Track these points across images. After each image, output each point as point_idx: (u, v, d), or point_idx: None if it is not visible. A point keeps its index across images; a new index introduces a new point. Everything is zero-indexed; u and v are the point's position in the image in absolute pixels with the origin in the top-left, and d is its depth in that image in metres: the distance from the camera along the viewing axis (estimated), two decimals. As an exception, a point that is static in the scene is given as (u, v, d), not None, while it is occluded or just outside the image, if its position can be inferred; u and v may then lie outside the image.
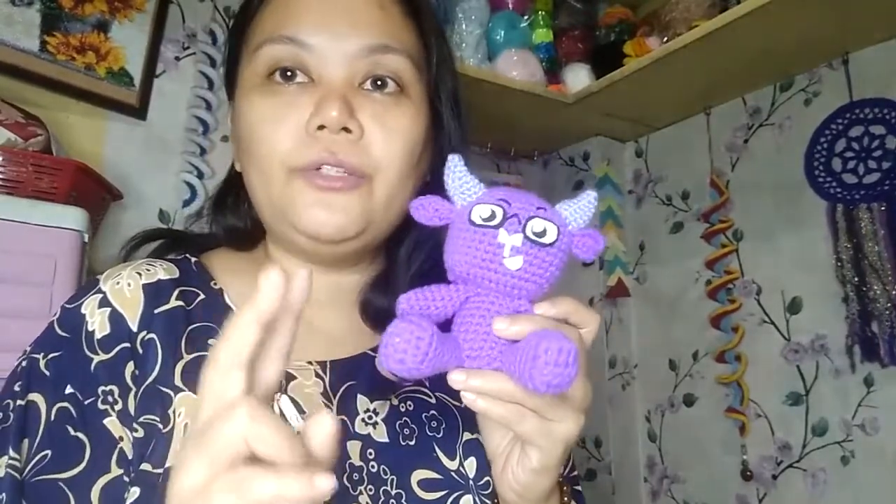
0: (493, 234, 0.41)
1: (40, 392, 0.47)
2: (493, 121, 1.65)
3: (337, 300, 0.58)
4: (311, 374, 0.52)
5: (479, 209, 0.41)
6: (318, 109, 0.50)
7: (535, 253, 0.41)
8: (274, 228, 0.56)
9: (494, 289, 0.41)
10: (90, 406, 0.47)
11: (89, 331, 0.49)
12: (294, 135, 0.51)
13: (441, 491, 0.51)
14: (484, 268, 0.41)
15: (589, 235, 0.43)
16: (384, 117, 0.52)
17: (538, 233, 0.41)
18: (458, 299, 0.42)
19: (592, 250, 0.43)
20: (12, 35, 1.18)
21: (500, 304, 0.42)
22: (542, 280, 0.42)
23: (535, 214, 0.41)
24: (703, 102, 1.65)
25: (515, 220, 0.41)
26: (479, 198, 0.43)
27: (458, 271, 0.42)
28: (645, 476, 1.75)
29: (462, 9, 1.55)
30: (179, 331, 0.50)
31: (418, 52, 0.56)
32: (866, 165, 1.37)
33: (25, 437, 0.45)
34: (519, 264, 0.40)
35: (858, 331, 1.33)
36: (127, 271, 0.52)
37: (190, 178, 1.35)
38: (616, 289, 1.77)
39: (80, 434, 0.46)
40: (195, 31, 1.41)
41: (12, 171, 1.00)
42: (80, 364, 0.48)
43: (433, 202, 0.43)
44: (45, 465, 0.45)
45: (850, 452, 1.35)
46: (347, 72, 0.52)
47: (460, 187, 0.43)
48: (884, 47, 1.37)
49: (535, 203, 0.42)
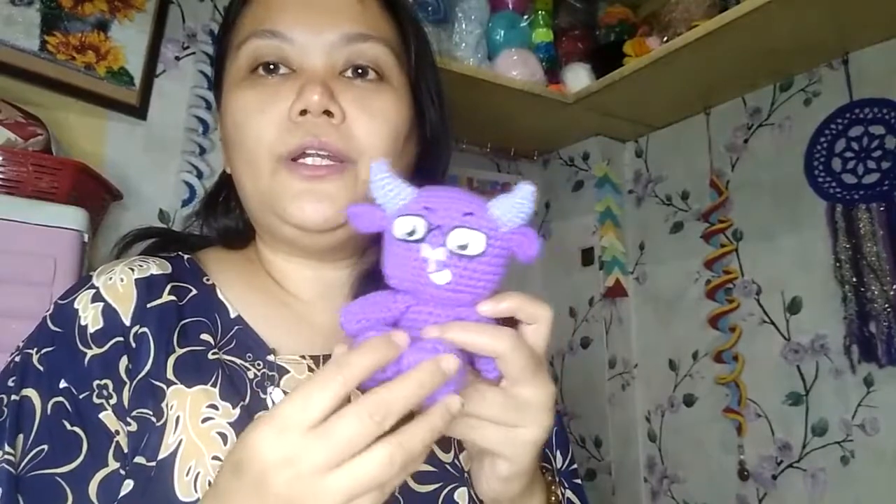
0: (416, 248, 0.39)
1: (34, 387, 0.47)
2: (493, 121, 1.66)
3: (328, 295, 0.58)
4: (304, 369, 0.53)
5: (401, 223, 0.40)
6: (299, 95, 0.51)
7: (463, 265, 0.39)
8: (262, 222, 0.57)
9: (431, 300, 0.40)
10: (85, 400, 0.47)
11: (82, 325, 0.49)
12: (278, 123, 0.52)
13: (435, 483, 0.52)
14: (415, 282, 0.40)
15: (522, 235, 0.40)
16: (366, 101, 0.53)
17: (461, 245, 0.39)
18: (397, 309, 0.41)
19: (526, 252, 0.40)
20: (12, 35, 1.18)
21: (437, 312, 0.40)
22: (478, 289, 0.40)
23: (460, 224, 0.39)
24: (702, 102, 1.65)
25: (438, 233, 0.39)
26: (403, 207, 0.41)
27: (393, 283, 0.41)
28: (645, 476, 1.75)
29: (462, 9, 1.55)
30: (172, 325, 0.51)
31: (397, 43, 0.57)
32: (866, 166, 1.37)
33: (20, 433, 0.45)
34: (447, 278, 0.39)
35: (856, 331, 1.33)
36: (119, 267, 0.53)
37: (190, 177, 1.35)
38: (614, 289, 1.77)
39: (76, 428, 0.46)
40: (195, 31, 1.41)
41: (12, 171, 1.00)
42: (73, 358, 0.48)
43: (366, 210, 0.42)
44: (41, 459, 0.45)
45: (850, 452, 1.35)
46: (328, 61, 0.53)
47: (386, 194, 0.41)
48: (884, 47, 1.37)
49: (461, 208, 0.40)
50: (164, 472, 0.45)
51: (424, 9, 1.49)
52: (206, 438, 0.46)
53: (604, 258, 1.78)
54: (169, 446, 0.46)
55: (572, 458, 0.63)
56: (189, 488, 0.45)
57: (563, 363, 1.86)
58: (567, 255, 1.85)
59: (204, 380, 0.48)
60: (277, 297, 0.57)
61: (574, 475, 0.62)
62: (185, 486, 0.45)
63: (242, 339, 0.52)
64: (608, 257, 1.78)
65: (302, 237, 0.54)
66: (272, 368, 0.51)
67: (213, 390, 0.48)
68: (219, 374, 0.49)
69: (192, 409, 0.47)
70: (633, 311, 1.83)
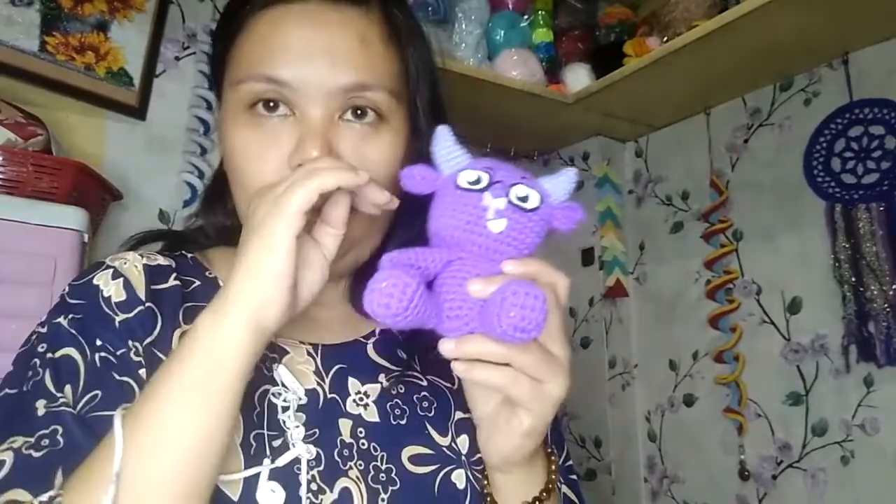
0: (478, 197, 0.42)
1: (72, 346, 0.47)
2: (493, 121, 1.65)
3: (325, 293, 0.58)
4: (303, 352, 0.54)
5: (466, 174, 0.43)
6: (298, 148, 0.51)
7: (517, 217, 0.42)
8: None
9: (477, 252, 0.43)
10: (123, 356, 0.48)
11: (105, 297, 0.50)
12: (276, 170, 0.51)
13: (432, 465, 0.53)
14: (468, 231, 0.42)
15: (569, 207, 0.44)
16: (364, 149, 0.53)
17: (522, 198, 0.42)
18: (440, 261, 0.43)
19: (572, 220, 0.44)
20: (12, 35, 1.18)
21: (481, 267, 0.42)
22: (523, 245, 0.43)
23: (519, 181, 0.43)
24: (702, 102, 1.65)
25: (500, 186, 0.42)
26: (466, 165, 0.45)
27: (442, 234, 0.44)
28: (645, 476, 1.75)
29: (462, 9, 1.55)
30: (178, 305, 0.52)
31: (400, 81, 0.57)
32: (865, 166, 1.37)
33: (67, 384, 0.45)
34: (502, 227, 0.42)
35: (855, 331, 1.33)
36: (131, 255, 0.54)
37: (190, 178, 1.35)
38: (614, 289, 1.77)
39: (126, 378, 0.47)
40: (195, 31, 1.41)
41: (12, 171, 1.00)
42: (104, 322, 0.49)
43: (420, 171, 0.45)
44: (97, 403, 0.45)
45: (850, 452, 1.35)
46: (327, 109, 0.52)
47: (447, 156, 0.45)
48: (884, 47, 1.37)
49: (519, 172, 0.44)
50: None
51: (424, 9, 1.48)
52: None
53: (604, 258, 1.78)
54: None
55: (567, 454, 0.63)
56: None
57: (563, 363, 1.85)
58: (567, 255, 1.85)
59: None
60: None
61: (570, 471, 0.62)
62: None
63: None
64: (608, 257, 1.78)
65: None
66: (273, 350, 0.52)
67: None
68: None
69: None
70: (633, 311, 1.83)
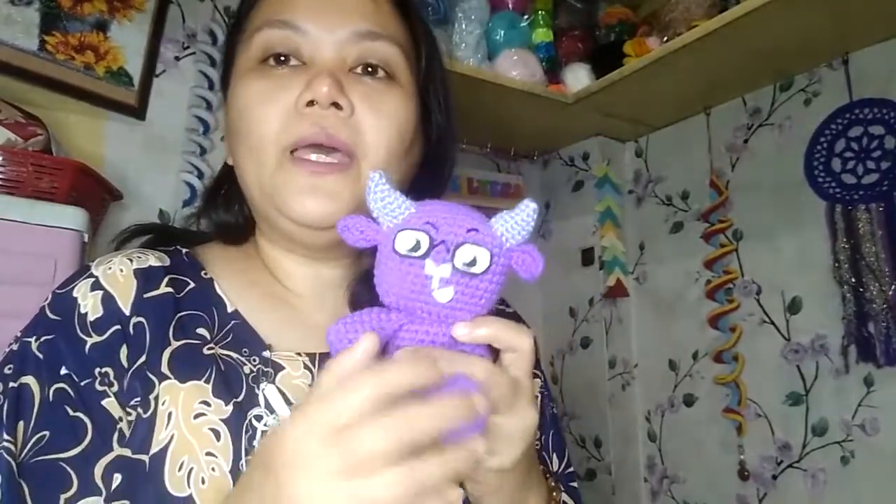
0: (419, 264, 0.38)
1: (33, 374, 0.47)
2: (493, 121, 1.65)
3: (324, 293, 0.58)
4: (299, 366, 0.53)
5: (403, 238, 0.39)
6: (308, 86, 0.51)
7: (466, 282, 0.38)
8: (262, 213, 0.57)
9: (427, 318, 0.40)
10: (87, 387, 0.47)
11: (81, 313, 0.49)
12: (285, 113, 0.51)
13: None
14: (414, 300, 0.39)
15: (527, 253, 0.40)
16: (374, 99, 0.53)
17: (468, 262, 0.38)
18: (390, 329, 0.40)
19: (530, 270, 0.40)
20: (11, 34, 1.18)
21: (434, 332, 0.40)
22: (477, 307, 0.40)
23: (465, 240, 0.38)
24: (702, 102, 1.65)
25: (443, 248, 0.38)
26: (404, 221, 0.39)
27: (388, 301, 0.40)
28: (645, 476, 1.75)
29: (462, 9, 1.55)
30: (168, 317, 0.51)
31: (408, 44, 0.58)
32: (865, 166, 1.37)
33: (20, 420, 0.45)
34: (450, 296, 0.38)
35: (854, 331, 1.33)
36: (118, 258, 0.53)
37: (190, 178, 1.35)
38: (615, 289, 1.77)
39: (79, 414, 0.46)
40: (195, 31, 1.41)
41: (12, 171, 1.00)
42: (74, 346, 0.48)
43: (358, 223, 0.41)
44: (43, 445, 0.45)
45: (850, 452, 1.35)
46: (338, 55, 0.53)
47: (384, 208, 0.40)
48: (884, 47, 1.37)
49: (465, 223, 0.39)
50: (155, 467, 0.45)
51: (424, 9, 1.48)
52: (199, 434, 0.46)
53: (604, 258, 1.78)
54: (160, 441, 0.46)
55: (569, 461, 0.63)
56: (182, 483, 0.45)
57: (563, 363, 1.86)
58: (567, 256, 1.85)
59: (197, 375, 0.48)
60: (275, 293, 0.57)
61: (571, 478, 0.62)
62: (178, 481, 0.45)
63: (239, 334, 0.52)
64: (608, 257, 1.78)
65: (300, 232, 0.54)
66: (267, 364, 0.51)
67: (206, 386, 0.48)
68: (213, 370, 0.49)
69: (184, 405, 0.47)
70: (633, 312, 1.83)
